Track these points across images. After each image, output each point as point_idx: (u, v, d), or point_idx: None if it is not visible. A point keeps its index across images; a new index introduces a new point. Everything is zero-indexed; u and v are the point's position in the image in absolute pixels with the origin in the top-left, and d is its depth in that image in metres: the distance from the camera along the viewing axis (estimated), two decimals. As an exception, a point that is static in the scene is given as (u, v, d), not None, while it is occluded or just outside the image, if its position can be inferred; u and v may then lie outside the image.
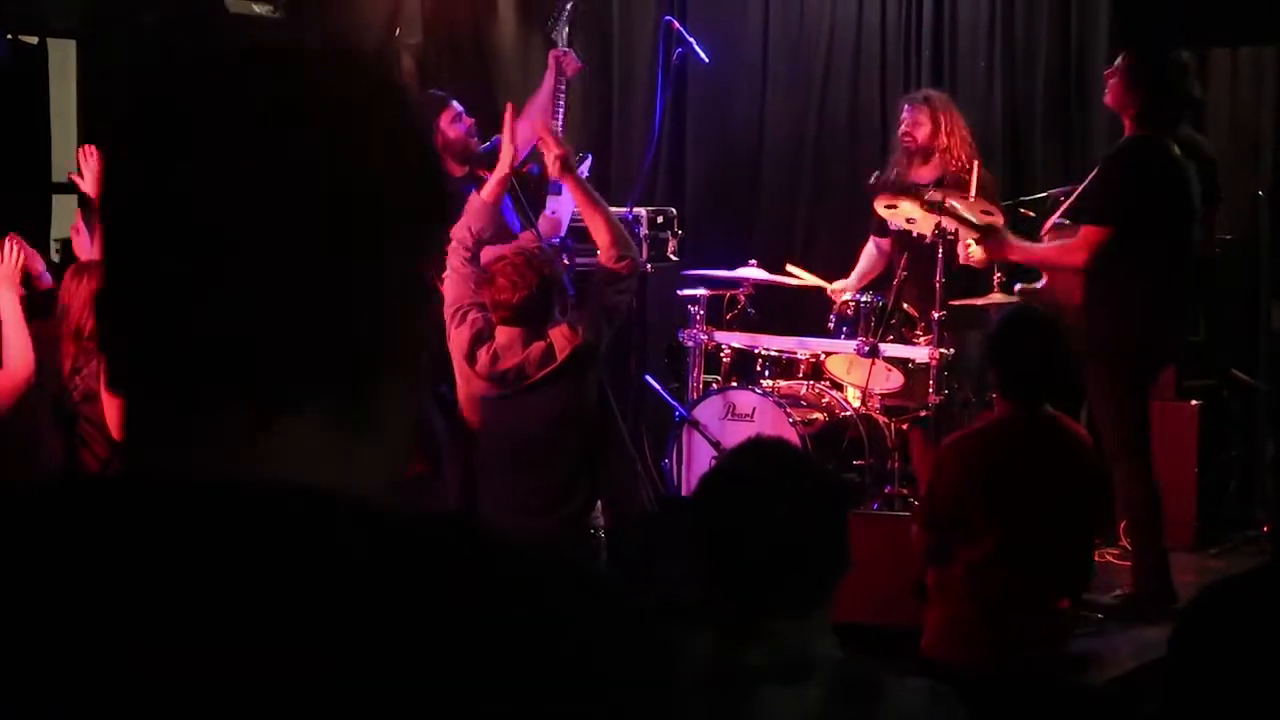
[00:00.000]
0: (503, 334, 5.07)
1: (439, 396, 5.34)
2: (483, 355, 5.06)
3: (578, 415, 5.16)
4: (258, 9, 8.09)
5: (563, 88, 6.60)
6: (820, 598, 2.33)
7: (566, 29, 6.71)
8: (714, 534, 2.36)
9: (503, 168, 5.48)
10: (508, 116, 5.66)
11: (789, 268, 7.36)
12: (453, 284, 5.15)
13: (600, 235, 5.31)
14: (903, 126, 7.04)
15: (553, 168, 5.54)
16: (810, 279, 7.29)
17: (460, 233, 5.19)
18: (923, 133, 6.95)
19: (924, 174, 6.95)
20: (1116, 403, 5.81)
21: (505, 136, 5.60)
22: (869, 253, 7.33)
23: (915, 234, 6.74)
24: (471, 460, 5.18)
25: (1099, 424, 5.83)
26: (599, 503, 5.23)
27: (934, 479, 4.70)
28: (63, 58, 7.46)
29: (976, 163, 6.80)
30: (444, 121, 6.24)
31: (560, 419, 5.11)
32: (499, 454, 5.12)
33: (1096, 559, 6.50)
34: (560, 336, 5.05)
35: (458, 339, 5.12)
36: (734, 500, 2.37)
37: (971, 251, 6.44)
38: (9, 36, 6.84)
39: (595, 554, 5.14)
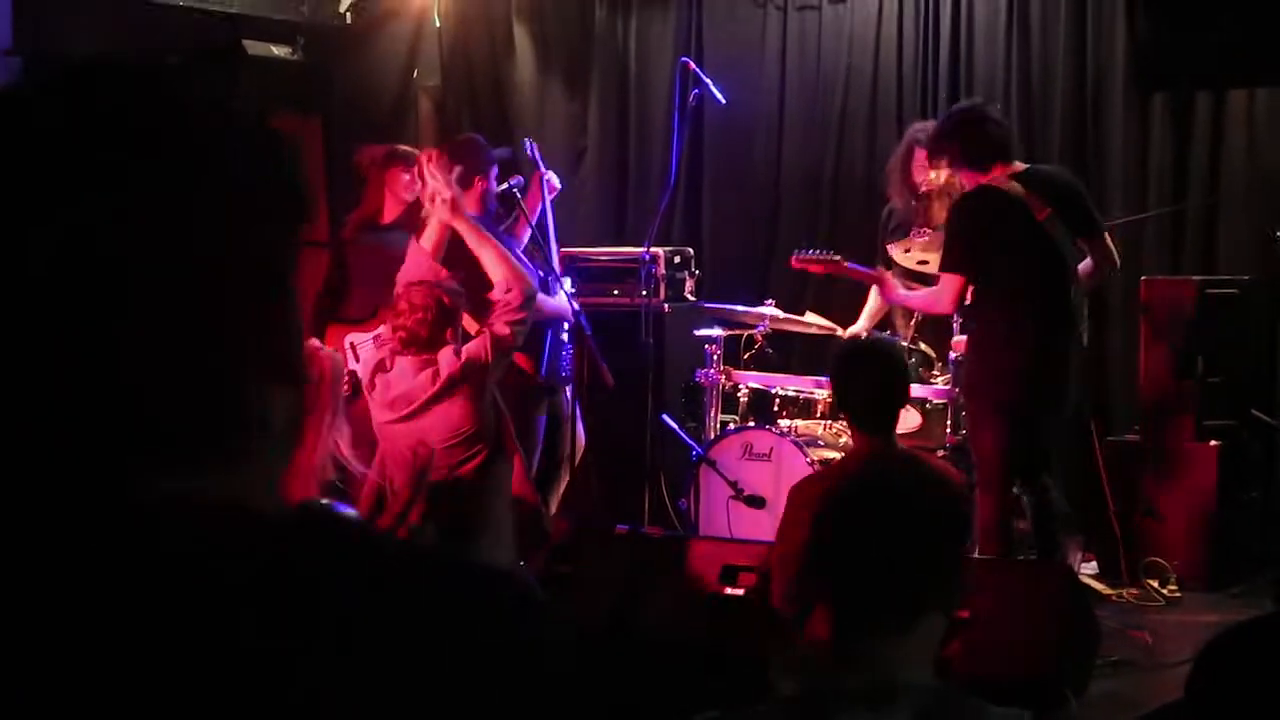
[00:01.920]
0: (399, 362, 5.39)
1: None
2: (379, 384, 5.41)
3: (470, 436, 5.38)
4: (276, 51, 8.23)
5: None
6: (919, 623, 2.31)
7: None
8: (823, 546, 2.38)
9: (435, 217, 5.82)
10: (432, 164, 5.89)
11: (807, 315, 7.44)
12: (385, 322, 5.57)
13: (492, 271, 5.65)
14: (918, 169, 7.03)
15: (441, 210, 5.78)
16: (826, 324, 7.34)
17: (401, 278, 5.59)
18: (941, 175, 6.91)
19: (942, 213, 7.00)
20: (979, 436, 6.01)
21: (439, 183, 5.82)
22: (875, 295, 7.30)
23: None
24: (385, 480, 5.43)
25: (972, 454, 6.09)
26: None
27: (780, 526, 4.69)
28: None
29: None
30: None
31: (452, 439, 5.35)
32: (402, 474, 5.33)
33: (1113, 599, 6.65)
34: (443, 360, 5.34)
35: (362, 369, 5.57)
36: (848, 514, 2.38)
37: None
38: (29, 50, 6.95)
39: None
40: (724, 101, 7.60)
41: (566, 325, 6.72)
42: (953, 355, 6.54)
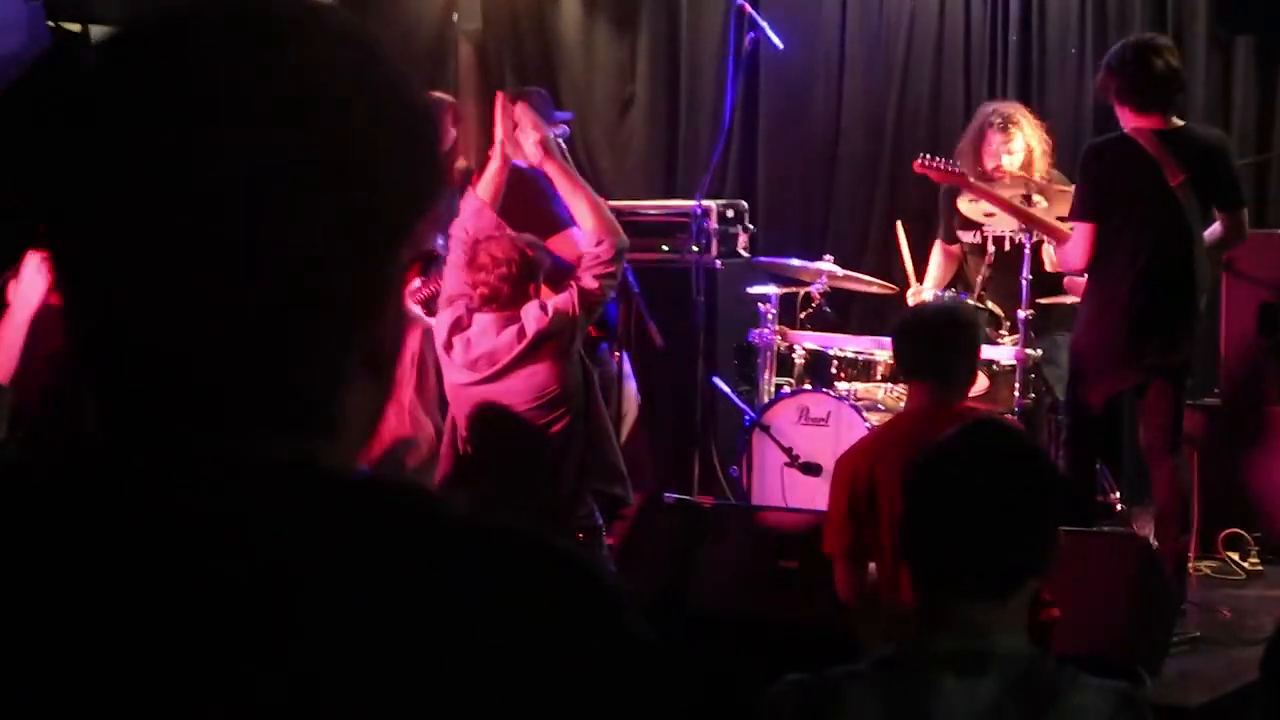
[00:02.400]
0: (478, 321, 5.22)
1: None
2: (457, 344, 5.23)
3: (556, 398, 5.22)
4: (312, -5, 8.09)
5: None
6: (1014, 588, 2.34)
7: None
8: (915, 510, 2.43)
9: (496, 162, 5.58)
10: (499, 108, 5.70)
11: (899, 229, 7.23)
12: (448, 277, 5.39)
13: (584, 220, 5.43)
14: (991, 156, 6.84)
15: (534, 153, 5.55)
16: (887, 285, 7.21)
17: (458, 231, 5.38)
18: (1016, 160, 6.79)
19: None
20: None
21: (502, 131, 5.61)
22: (938, 260, 7.21)
23: (992, 235, 6.73)
24: (459, 448, 5.32)
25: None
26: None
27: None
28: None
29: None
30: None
31: (537, 401, 5.20)
32: (483, 441, 5.24)
33: (1191, 573, 6.44)
34: (529, 317, 5.17)
35: (438, 330, 5.32)
36: (941, 477, 2.42)
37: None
38: (51, 24, 6.84)
39: (589, 546, 5.22)
40: (781, 46, 7.48)
41: None
42: (1021, 315, 6.35)
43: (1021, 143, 6.81)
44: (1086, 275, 5.92)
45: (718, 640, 5.03)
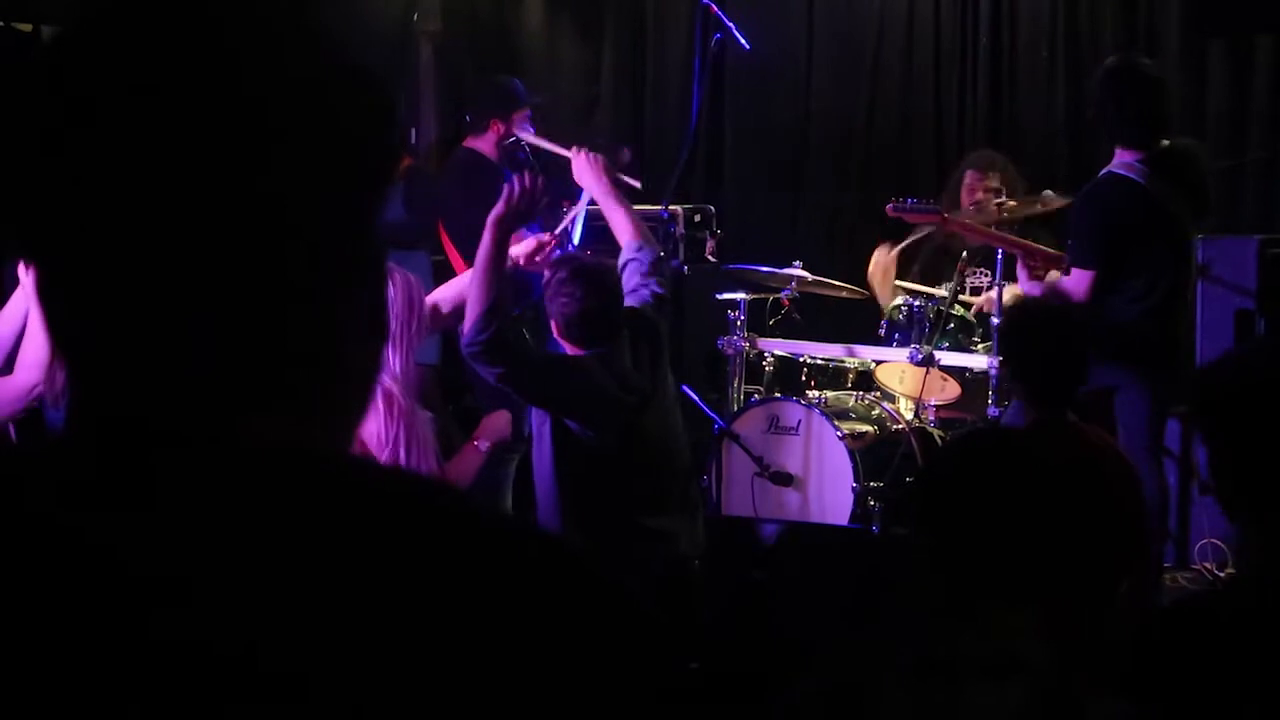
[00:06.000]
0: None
1: None
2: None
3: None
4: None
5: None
6: (1040, 591, 2.37)
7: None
8: (939, 510, 2.45)
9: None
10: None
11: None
12: None
13: (624, 231, 5.39)
14: (969, 192, 6.86)
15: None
16: (857, 289, 7.15)
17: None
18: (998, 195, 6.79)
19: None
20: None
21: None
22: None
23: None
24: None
25: None
26: None
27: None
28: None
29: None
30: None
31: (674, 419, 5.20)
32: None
33: (1167, 583, 6.48)
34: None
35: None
36: (962, 476, 2.45)
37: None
38: (1, 24, 6.82)
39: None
40: (748, 47, 7.42)
41: None
42: (995, 321, 6.33)
43: (1000, 180, 6.85)
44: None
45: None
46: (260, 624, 0.91)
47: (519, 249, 5.13)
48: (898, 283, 7.00)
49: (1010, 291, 6.27)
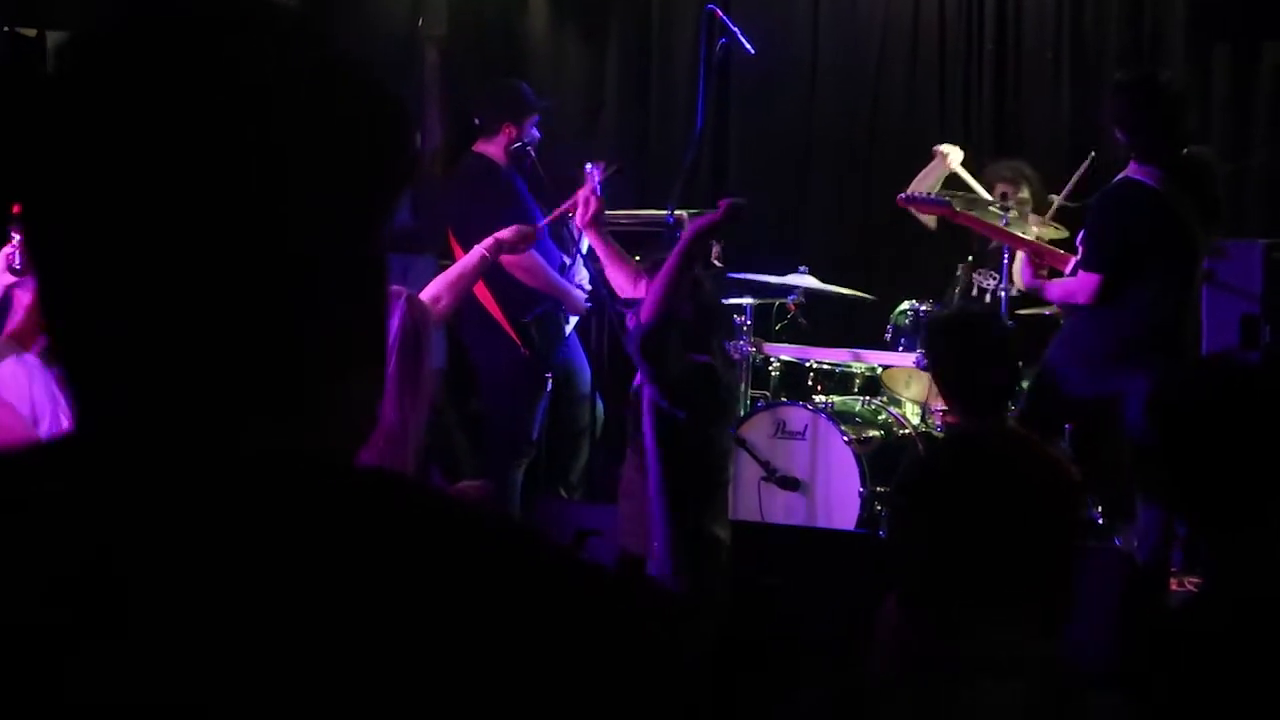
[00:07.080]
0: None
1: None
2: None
3: None
4: (274, -1, 8.09)
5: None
6: (1030, 595, 2.38)
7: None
8: (933, 517, 2.43)
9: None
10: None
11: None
12: None
13: (624, 286, 5.47)
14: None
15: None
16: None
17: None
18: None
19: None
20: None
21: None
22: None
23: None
24: None
25: None
26: None
27: None
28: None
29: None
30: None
31: None
32: None
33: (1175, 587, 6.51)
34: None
35: None
36: (954, 485, 2.44)
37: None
38: (6, 29, 6.86)
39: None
40: (753, 52, 7.45)
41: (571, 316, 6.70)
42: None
43: (1025, 186, 6.91)
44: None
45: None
46: (260, 627, 0.91)
47: (506, 232, 5.21)
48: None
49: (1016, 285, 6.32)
